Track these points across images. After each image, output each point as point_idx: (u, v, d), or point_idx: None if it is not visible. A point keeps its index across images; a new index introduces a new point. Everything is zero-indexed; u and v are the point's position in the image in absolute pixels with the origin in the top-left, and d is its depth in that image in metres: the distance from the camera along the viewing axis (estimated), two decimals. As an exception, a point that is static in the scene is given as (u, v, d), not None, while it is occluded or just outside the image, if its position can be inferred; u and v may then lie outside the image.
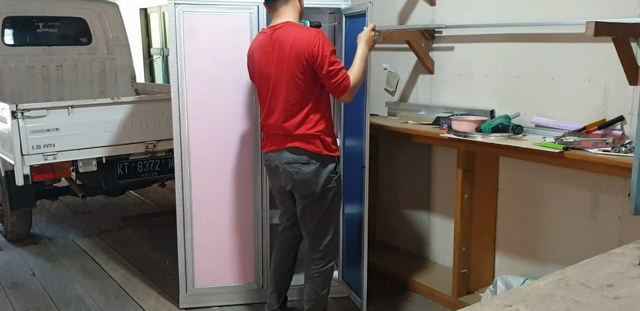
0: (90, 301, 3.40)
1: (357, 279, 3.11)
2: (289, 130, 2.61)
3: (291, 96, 2.57)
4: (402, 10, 3.66)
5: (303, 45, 2.49)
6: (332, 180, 2.69)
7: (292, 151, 2.64)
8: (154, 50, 9.08)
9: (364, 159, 2.94)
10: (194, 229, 3.16)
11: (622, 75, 2.57)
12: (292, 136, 2.62)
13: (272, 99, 2.63)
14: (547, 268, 3.02)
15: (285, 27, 2.59)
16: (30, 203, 4.24)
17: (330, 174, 2.67)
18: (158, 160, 4.28)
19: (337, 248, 2.84)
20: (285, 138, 2.65)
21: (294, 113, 2.59)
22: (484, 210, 3.22)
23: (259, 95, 2.76)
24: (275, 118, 2.63)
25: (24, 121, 3.62)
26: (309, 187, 2.66)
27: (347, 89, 2.53)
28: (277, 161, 2.69)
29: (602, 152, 2.45)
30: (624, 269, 1.58)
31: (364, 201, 2.97)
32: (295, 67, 2.52)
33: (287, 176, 2.67)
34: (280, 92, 2.59)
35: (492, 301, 1.40)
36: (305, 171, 2.63)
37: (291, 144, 2.63)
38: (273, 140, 2.71)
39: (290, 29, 2.58)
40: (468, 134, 2.91)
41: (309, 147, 2.61)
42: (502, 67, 3.14)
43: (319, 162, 2.64)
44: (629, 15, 2.53)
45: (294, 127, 2.60)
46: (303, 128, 2.59)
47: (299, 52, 2.49)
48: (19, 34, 5.32)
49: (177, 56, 2.97)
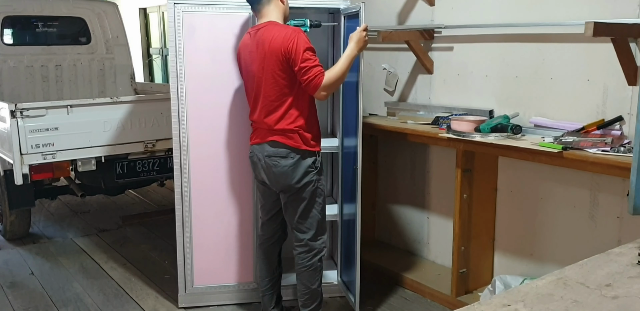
0: (89, 300, 3.40)
1: (353, 279, 3.11)
2: (270, 125, 2.70)
3: (271, 92, 2.66)
4: (401, 11, 3.66)
5: (280, 43, 2.56)
6: (310, 174, 2.74)
7: (272, 145, 2.72)
8: (153, 50, 9.08)
9: (356, 160, 2.96)
10: (193, 228, 3.16)
11: (621, 75, 2.57)
12: (273, 130, 2.70)
13: (256, 96, 2.73)
14: (545, 267, 3.02)
15: (266, 26, 2.66)
16: (29, 202, 4.24)
17: (308, 169, 2.73)
18: (157, 159, 4.28)
19: (323, 242, 2.87)
20: (268, 132, 2.73)
21: (274, 108, 2.67)
22: (482, 210, 3.22)
23: (246, 92, 2.84)
24: (258, 114, 2.73)
25: (23, 121, 3.62)
26: (286, 180, 2.72)
27: (317, 86, 2.57)
28: (260, 154, 2.77)
29: (601, 152, 2.45)
30: (622, 269, 1.58)
31: (357, 200, 3.00)
32: (274, 64, 2.60)
33: (267, 168, 2.75)
34: (263, 88, 2.68)
35: (491, 300, 1.41)
36: (283, 164, 2.70)
37: (272, 138, 2.71)
38: (257, 133, 2.80)
39: (270, 28, 2.64)
40: (467, 134, 2.92)
41: (287, 142, 2.69)
42: (501, 67, 3.15)
43: (298, 155, 2.70)
44: (628, 15, 2.53)
45: (274, 122, 2.68)
46: (282, 123, 2.67)
47: (276, 49, 2.57)
48: (18, 34, 5.31)
49: (177, 56, 2.97)
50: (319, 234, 2.84)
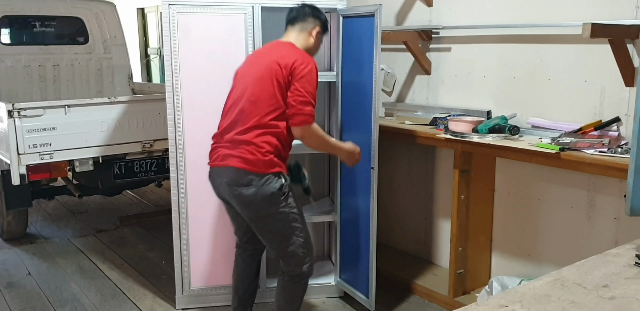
0: (86, 301, 3.39)
1: (358, 278, 3.12)
2: (235, 137, 2.46)
3: (259, 96, 2.45)
4: (399, 11, 3.66)
5: (292, 59, 2.45)
6: (278, 201, 2.47)
7: (233, 172, 2.45)
8: (150, 50, 9.08)
9: (372, 160, 2.92)
10: (190, 229, 3.16)
11: (618, 76, 2.58)
12: (237, 143, 2.45)
13: (237, 100, 2.53)
14: (543, 268, 3.03)
15: (287, 44, 2.61)
16: (26, 202, 4.23)
17: (275, 196, 2.45)
18: (155, 160, 4.28)
19: (310, 265, 2.60)
20: (230, 149, 2.47)
21: (251, 116, 2.44)
22: (480, 211, 3.22)
23: (228, 98, 2.63)
24: (230, 122, 2.50)
25: (21, 120, 3.61)
26: (251, 212, 2.50)
27: (304, 123, 2.43)
28: (219, 178, 2.53)
29: (598, 153, 2.46)
30: (619, 269, 1.58)
31: (372, 202, 2.99)
32: (276, 72, 2.44)
33: (230, 196, 2.52)
34: (249, 92, 2.48)
35: (488, 301, 1.41)
36: (246, 194, 2.44)
37: (232, 162, 2.45)
38: (217, 152, 2.54)
39: (290, 46, 2.58)
40: (465, 135, 2.92)
41: (249, 167, 2.42)
42: (498, 68, 3.15)
43: (262, 181, 2.43)
44: (626, 17, 2.54)
45: (243, 132, 2.44)
46: (251, 135, 2.43)
47: (286, 63, 2.44)
48: (15, 33, 5.30)
49: (172, 57, 2.97)
50: (304, 258, 2.59)
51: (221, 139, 2.55)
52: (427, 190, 3.72)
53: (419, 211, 3.79)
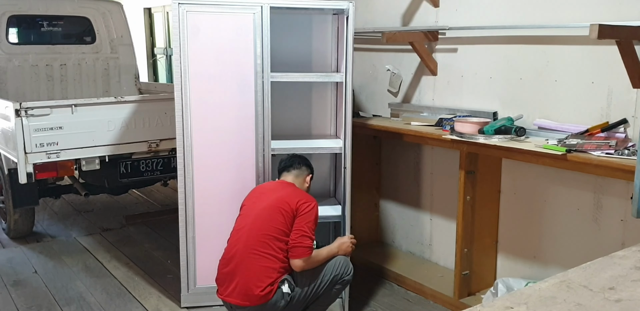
0: (92, 299, 3.40)
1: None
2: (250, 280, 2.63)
3: (267, 229, 2.67)
4: (405, 12, 3.66)
5: (297, 198, 2.72)
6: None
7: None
8: (157, 50, 9.10)
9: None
10: (196, 228, 3.17)
11: (625, 78, 2.57)
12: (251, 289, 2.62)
13: (249, 226, 2.74)
14: (548, 270, 3.02)
15: (290, 185, 2.89)
16: (33, 201, 4.26)
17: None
18: (161, 159, 4.29)
19: (348, 277, 2.82)
20: (245, 289, 2.63)
21: (267, 250, 2.65)
22: (486, 212, 3.22)
23: (238, 221, 2.83)
24: (245, 243, 2.70)
25: (28, 119, 3.63)
26: None
27: (304, 255, 2.64)
28: None
29: (605, 155, 2.45)
30: (626, 272, 1.58)
31: (345, 201, 3.07)
32: (282, 208, 2.68)
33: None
34: (262, 219, 2.71)
35: (493, 302, 1.40)
36: None
37: (251, 302, 2.63)
38: (230, 285, 2.69)
39: (293, 187, 2.87)
40: (471, 136, 2.91)
41: (262, 301, 2.61)
42: (505, 69, 3.14)
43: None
44: (633, 18, 2.53)
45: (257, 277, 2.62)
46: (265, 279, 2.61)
47: (291, 201, 2.70)
48: (23, 33, 5.33)
49: (181, 56, 2.98)
50: (345, 286, 2.87)
51: (237, 255, 2.75)
52: (433, 191, 3.71)
53: (424, 211, 3.79)
